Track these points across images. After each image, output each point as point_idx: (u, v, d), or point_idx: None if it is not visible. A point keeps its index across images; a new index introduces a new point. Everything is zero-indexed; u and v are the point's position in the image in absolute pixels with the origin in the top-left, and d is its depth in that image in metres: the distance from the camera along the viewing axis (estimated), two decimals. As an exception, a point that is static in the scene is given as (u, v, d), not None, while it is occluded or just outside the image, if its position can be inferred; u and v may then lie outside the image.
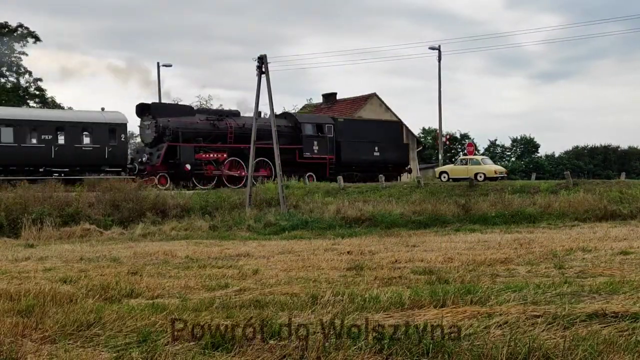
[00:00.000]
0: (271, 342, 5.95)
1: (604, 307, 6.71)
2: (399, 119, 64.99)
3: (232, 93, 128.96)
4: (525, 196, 29.75)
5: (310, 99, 71.29)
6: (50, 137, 34.91)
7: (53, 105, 57.97)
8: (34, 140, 34.75)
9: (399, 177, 44.92)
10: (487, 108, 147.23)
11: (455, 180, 38.88)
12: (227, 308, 7.84)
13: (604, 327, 6.11)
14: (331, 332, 6.08)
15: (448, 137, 49.33)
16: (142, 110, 39.23)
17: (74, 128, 35.86)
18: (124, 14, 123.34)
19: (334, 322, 6.62)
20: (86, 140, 36.39)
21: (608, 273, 10.23)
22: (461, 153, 70.98)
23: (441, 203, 28.59)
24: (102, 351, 5.98)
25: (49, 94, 61.13)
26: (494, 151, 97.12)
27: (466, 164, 41.53)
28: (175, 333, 6.22)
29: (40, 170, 34.32)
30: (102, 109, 38.54)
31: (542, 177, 50.27)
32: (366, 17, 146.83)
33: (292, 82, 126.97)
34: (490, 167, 41.33)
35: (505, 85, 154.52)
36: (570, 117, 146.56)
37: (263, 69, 30.45)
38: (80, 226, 25.59)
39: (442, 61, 50.84)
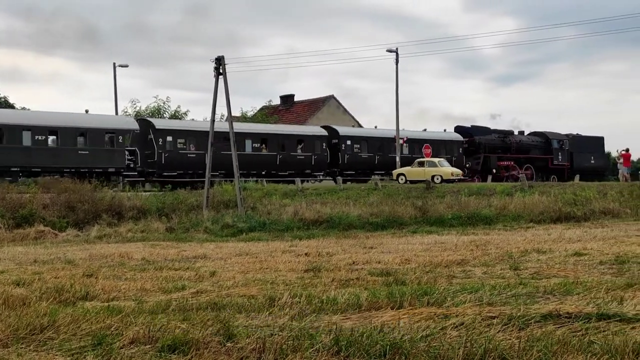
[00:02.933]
0: (228, 344, 5.92)
1: (558, 308, 6.78)
2: (357, 121, 65.25)
3: (191, 94, 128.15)
4: (481, 198, 30.02)
5: (270, 100, 71.23)
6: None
7: (6, 105, 56.99)
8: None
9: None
10: (445, 110, 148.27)
11: (412, 182, 39.11)
12: (183, 310, 7.80)
13: (558, 327, 6.17)
14: (289, 334, 6.07)
15: (405, 139, 49.48)
16: None
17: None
18: (80, 12, 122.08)
19: (292, 323, 6.62)
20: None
21: (562, 274, 10.36)
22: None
23: (398, 205, 28.72)
24: (56, 355, 5.90)
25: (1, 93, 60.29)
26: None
27: (423, 166, 41.78)
28: (131, 336, 6.16)
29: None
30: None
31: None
32: (326, 19, 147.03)
33: (250, 84, 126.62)
34: (447, 169, 41.63)
35: (463, 88, 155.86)
36: (528, 120, 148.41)
37: (221, 70, 30.32)
38: (34, 228, 25.19)
39: (401, 63, 51.12)
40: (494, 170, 49.53)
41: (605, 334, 5.86)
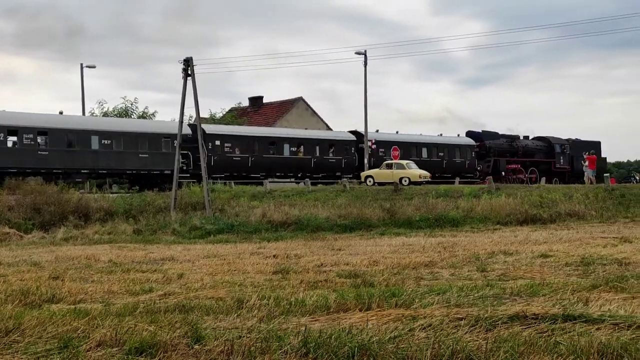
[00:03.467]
0: (196, 346, 5.90)
1: (525, 309, 6.84)
2: (326, 123, 65.31)
3: (161, 95, 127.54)
4: (449, 200, 30.17)
5: (240, 102, 71.06)
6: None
7: None
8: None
9: None
10: (414, 113, 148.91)
11: (380, 184, 39.22)
12: (151, 313, 7.75)
13: (525, 328, 6.22)
14: (257, 336, 6.06)
15: (373, 141, 49.63)
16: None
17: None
18: (48, 12, 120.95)
19: (260, 325, 6.61)
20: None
21: (529, 276, 10.46)
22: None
23: (366, 207, 28.77)
24: (22, 358, 5.83)
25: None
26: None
27: (391, 168, 41.91)
28: (98, 338, 6.11)
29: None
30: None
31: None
32: (295, 21, 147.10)
33: (219, 85, 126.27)
34: (415, 171, 41.80)
35: (432, 91, 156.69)
36: (496, 122, 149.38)
37: (189, 72, 30.18)
38: (-1, 230, 24.94)
39: (370, 66, 51.24)
40: (503, 173, 52.97)
41: (570, 334, 5.91)
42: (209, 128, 43.29)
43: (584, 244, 15.78)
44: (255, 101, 69.64)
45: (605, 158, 66.53)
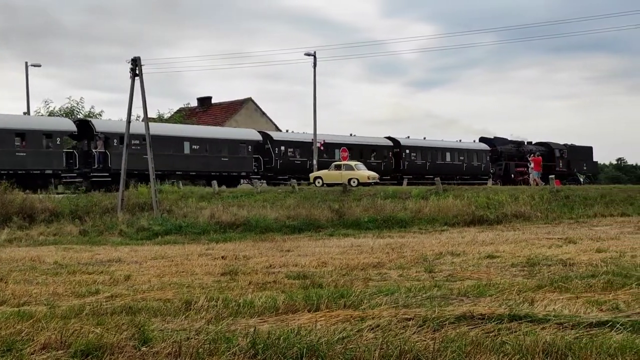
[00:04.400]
0: (143, 349, 5.84)
1: (472, 310, 6.91)
2: (275, 124, 65.24)
3: (108, 95, 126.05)
4: (397, 201, 30.32)
5: (188, 103, 70.64)
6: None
7: None
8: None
9: None
10: (363, 114, 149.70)
11: (329, 185, 39.29)
12: (97, 315, 7.66)
13: (472, 328, 6.29)
14: (205, 338, 6.03)
15: (323, 142, 49.76)
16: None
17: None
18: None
19: (208, 327, 6.57)
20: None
21: (476, 276, 10.57)
22: None
23: (315, 208, 28.79)
24: (-36, 362, 5.72)
25: None
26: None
27: (340, 169, 42.02)
28: (43, 341, 6.02)
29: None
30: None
31: (415, 183, 53.19)
32: (245, 21, 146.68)
33: (168, 85, 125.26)
34: (364, 172, 41.97)
35: (380, 92, 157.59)
36: (446, 124, 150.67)
37: (137, 72, 29.90)
38: (-60, 231, 24.43)
39: (320, 67, 51.35)
40: (512, 175, 58.41)
41: (516, 334, 5.99)
42: (275, 135, 50.14)
43: (529, 244, 15.99)
44: (204, 101, 69.30)
45: (597, 162, 73.61)
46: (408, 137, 57.66)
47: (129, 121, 31.19)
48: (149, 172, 29.53)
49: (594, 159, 71.17)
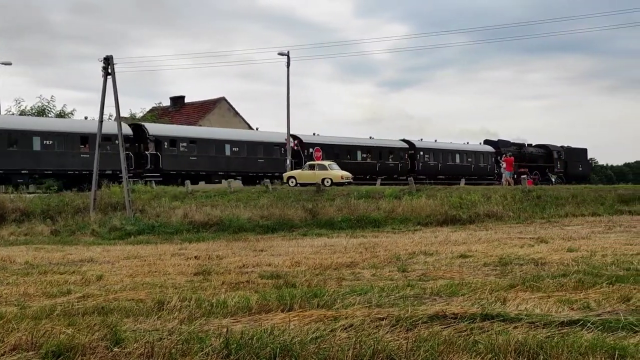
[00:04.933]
0: (115, 349, 5.81)
1: (445, 309, 6.94)
2: (248, 123, 65.12)
3: (80, 94, 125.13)
4: (371, 201, 30.38)
5: (160, 102, 70.27)
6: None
7: None
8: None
9: None
10: (337, 114, 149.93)
11: (302, 185, 39.28)
12: (69, 315, 7.60)
13: (445, 328, 6.31)
14: (178, 338, 6.00)
15: (297, 142, 49.79)
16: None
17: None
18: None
19: (181, 327, 6.54)
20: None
21: (448, 276, 10.61)
22: None
23: (289, 208, 28.78)
24: None
25: None
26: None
27: (314, 169, 42.03)
28: (13, 342, 5.96)
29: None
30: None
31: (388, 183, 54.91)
32: (219, 21, 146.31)
33: (140, 84, 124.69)
34: (337, 172, 41.99)
35: (353, 92, 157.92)
36: (418, 125, 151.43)
37: (109, 70, 29.70)
38: None
39: (293, 67, 51.33)
40: (515, 176, 56.60)
41: (489, 333, 6.02)
42: (305, 138, 53.02)
43: (501, 244, 16.08)
44: (177, 101, 69.00)
45: (591, 163, 78.78)
46: (421, 139, 61.34)
47: (101, 120, 30.99)
48: (186, 171, 30.51)
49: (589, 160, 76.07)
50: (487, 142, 67.61)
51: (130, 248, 19.21)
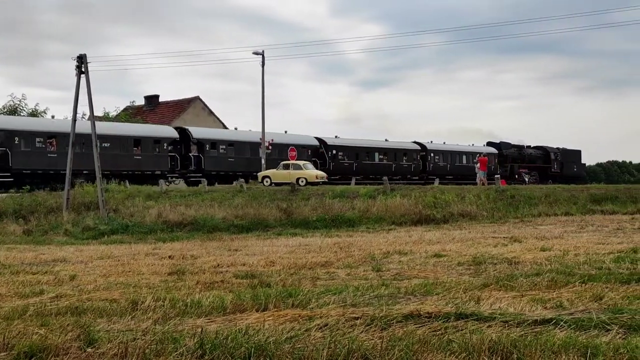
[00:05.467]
0: (89, 350, 5.77)
1: (419, 308, 6.96)
2: (222, 123, 64.95)
3: (53, 93, 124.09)
4: (345, 201, 30.41)
5: (134, 101, 69.86)
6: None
7: None
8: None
9: None
10: (312, 114, 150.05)
11: (277, 184, 39.24)
12: (42, 316, 7.54)
13: (419, 327, 6.33)
14: (152, 338, 5.98)
15: (271, 141, 49.73)
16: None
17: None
18: None
19: (155, 327, 6.51)
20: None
21: (422, 275, 10.64)
22: None
23: (263, 207, 28.75)
24: None
25: None
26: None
27: (288, 168, 41.98)
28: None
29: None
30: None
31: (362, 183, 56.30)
32: (194, 20, 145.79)
33: (115, 83, 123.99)
34: (312, 172, 41.96)
35: (328, 92, 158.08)
36: (392, 125, 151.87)
37: (83, 69, 29.49)
38: None
39: (269, 66, 51.38)
40: (516, 176, 65.30)
41: (463, 332, 6.05)
42: (330, 141, 55.67)
43: (475, 243, 16.16)
44: (151, 100, 68.60)
45: (585, 164, 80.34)
46: (431, 141, 64.78)
47: (74, 119, 30.74)
48: (225, 172, 31.12)
49: (582, 161, 78.19)
50: (489, 143, 70.56)
51: (104, 248, 19.10)
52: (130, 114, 63.23)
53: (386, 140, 61.70)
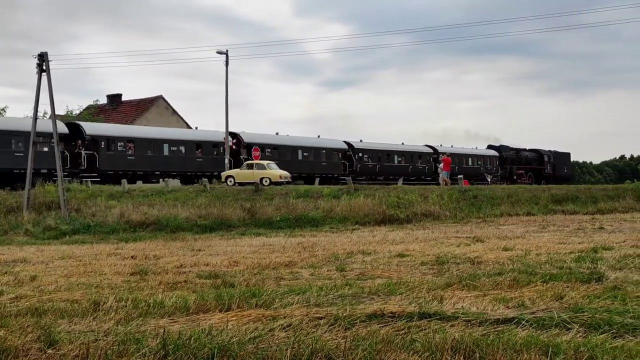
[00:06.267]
0: (50, 351, 5.71)
1: (383, 308, 6.98)
2: (186, 122, 64.64)
3: (14, 91, 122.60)
4: (309, 201, 30.43)
5: (97, 100, 69.22)
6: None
7: None
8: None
9: None
10: (277, 114, 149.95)
11: (241, 184, 39.15)
12: (1, 317, 7.44)
13: (383, 326, 6.35)
14: (114, 339, 5.93)
15: (234, 141, 49.61)
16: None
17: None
18: None
19: (117, 328, 6.46)
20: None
21: (386, 275, 10.67)
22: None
23: (227, 207, 28.65)
24: None
25: None
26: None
27: (252, 168, 41.90)
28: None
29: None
30: None
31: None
32: (158, 19, 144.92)
33: (77, 82, 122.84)
34: (276, 171, 41.92)
35: (294, 92, 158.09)
36: (357, 124, 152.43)
37: (44, 67, 29.15)
38: None
39: (234, 66, 51.24)
40: (515, 177, 70.38)
41: (426, 332, 6.08)
42: (357, 144, 59.75)
43: (438, 243, 16.25)
44: (114, 99, 68.09)
45: (574, 165, 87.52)
46: (441, 145, 69.56)
47: (35, 118, 30.36)
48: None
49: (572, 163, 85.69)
50: (490, 147, 76.17)
51: (65, 248, 18.91)
52: (93, 113, 62.69)
53: (402, 143, 66.36)
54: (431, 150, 67.55)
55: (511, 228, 21.43)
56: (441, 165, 44.31)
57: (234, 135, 50.71)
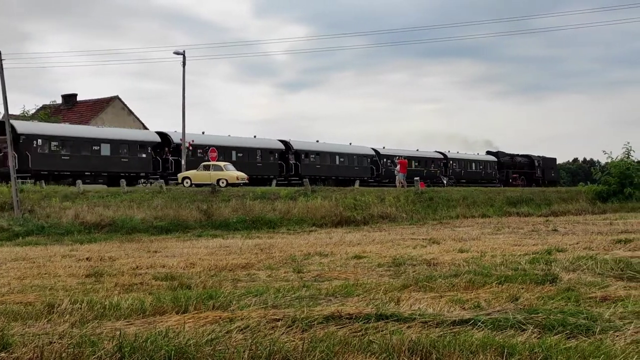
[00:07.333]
0: (2, 354, 5.63)
1: (340, 309, 6.99)
2: (142, 123, 64.17)
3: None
4: (266, 202, 30.39)
5: (54, 100, 68.40)
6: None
7: None
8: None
9: None
10: (235, 114, 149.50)
11: (197, 185, 38.97)
12: (-48, 320, 7.31)
13: (340, 328, 6.36)
14: (69, 342, 5.86)
15: (192, 142, 49.35)
16: None
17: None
18: None
19: (72, 331, 6.39)
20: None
21: (343, 277, 10.70)
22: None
23: (183, 208, 28.50)
24: None
25: None
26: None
27: (209, 169, 41.73)
28: None
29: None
30: None
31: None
32: (114, 18, 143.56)
33: (32, 81, 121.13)
34: (233, 173, 41.82)
35: (252, 93, 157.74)
36: (316, 126, 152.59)
37: (-4, 66, 28.73)
38: None
39: (192, 66, 51.03)
40: (510, 180, 75.43)
41: (383, 333, 6.10)
42: (382, 151, 65.28)
43: (395, 245, 16.32)
44: (69, 99, 67.33)
45: (559, 170, 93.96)
46: (449, 151, 75.69)
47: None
48: None
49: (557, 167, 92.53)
50: (488, 152, 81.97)
51: (18, 249, 18.65)
52: (48, 113, 61.92)
53: (417, 150, 71.32)
54: (441, 156, 73.08)
55: (467, 230, 21.61)
56: (397, 167, 44.49)
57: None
